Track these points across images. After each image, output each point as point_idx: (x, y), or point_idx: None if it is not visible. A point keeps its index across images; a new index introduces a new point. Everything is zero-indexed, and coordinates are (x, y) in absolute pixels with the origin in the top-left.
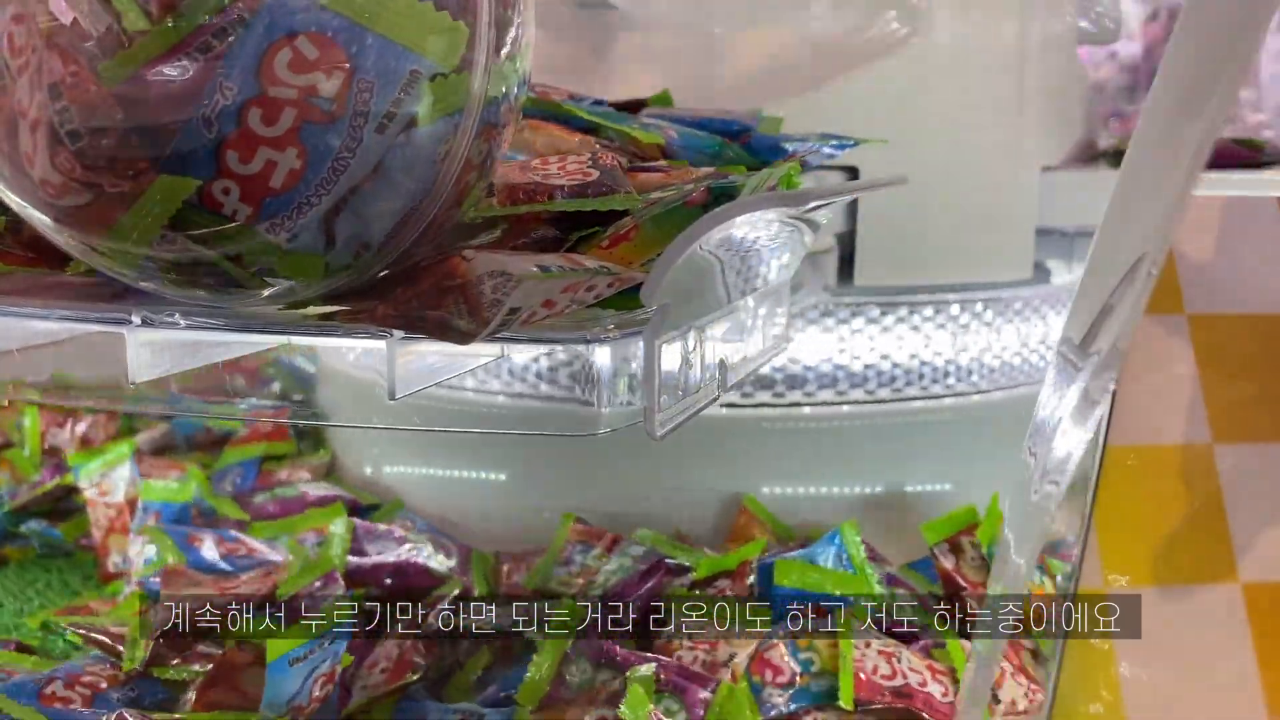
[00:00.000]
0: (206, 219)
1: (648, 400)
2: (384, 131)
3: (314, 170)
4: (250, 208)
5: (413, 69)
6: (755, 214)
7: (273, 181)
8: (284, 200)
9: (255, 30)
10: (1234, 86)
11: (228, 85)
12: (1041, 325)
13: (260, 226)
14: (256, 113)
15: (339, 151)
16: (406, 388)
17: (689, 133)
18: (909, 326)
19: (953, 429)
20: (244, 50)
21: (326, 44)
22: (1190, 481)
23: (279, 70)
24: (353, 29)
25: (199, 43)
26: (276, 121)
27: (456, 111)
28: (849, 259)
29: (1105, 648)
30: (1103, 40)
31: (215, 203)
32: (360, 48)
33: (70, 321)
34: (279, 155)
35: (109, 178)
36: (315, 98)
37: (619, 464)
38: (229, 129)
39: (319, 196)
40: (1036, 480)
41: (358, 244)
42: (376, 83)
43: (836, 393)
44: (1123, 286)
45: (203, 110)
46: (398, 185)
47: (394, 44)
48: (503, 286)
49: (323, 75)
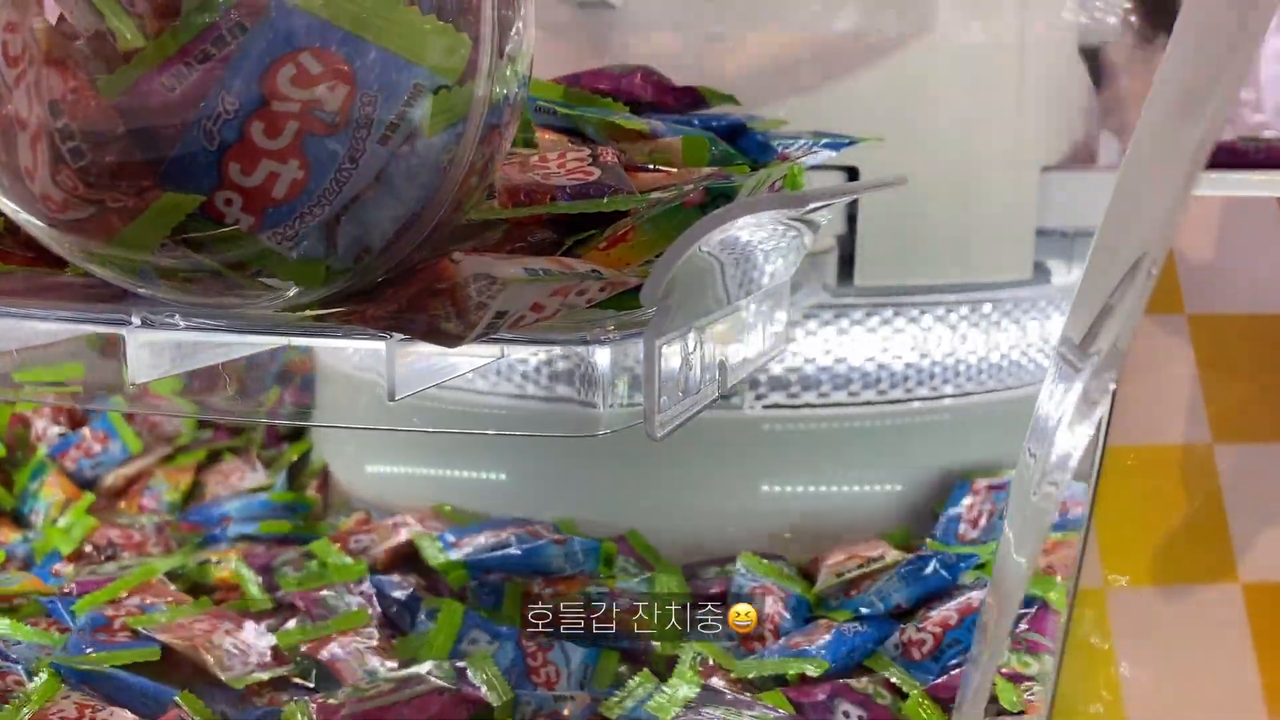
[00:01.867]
0: (209, 228)
1: (648, 401)
2: (387, 143)
3: (316, 181)
4: (252, 217)
5: (416, 82)
6: (755, 215)
7: (275, 192)
8: (286, 210)
9: (258, 43)
10: (1234, 86)
11: (229, 98)
12: (1041, 325)
13: (262, 235)
14: (259, 125)
15: (342, 162)
16: (406, 389)
17: (676, 126)
18: (918, 327)
19: (952, 429)
20: (246, 63)
21: (330, 58)
22: (1190, 481)
23: (282, 85)
24: (356, 43)
25: (198, 51)
26: (279, 134)
27: (460, 120)
28: (849, 259)
29: (1105, 648)
30: (1103, 40)
31: (218, 213)
32: (364, 61)
33: (70, 321)
34: (281, 167)
35: (111, 194)
36: (318, 111)
37: (620, 464)
38: (231, 140)
39: (321, 206)
40: (1036, 480)
41: (359, 249)
42: (380, 96)
43: (833, 393)
44: (1123, 286)
45: (204, 122)
46: (400, 193)
47: (397, 57)
48: (487, 290)
49: (326, 89)
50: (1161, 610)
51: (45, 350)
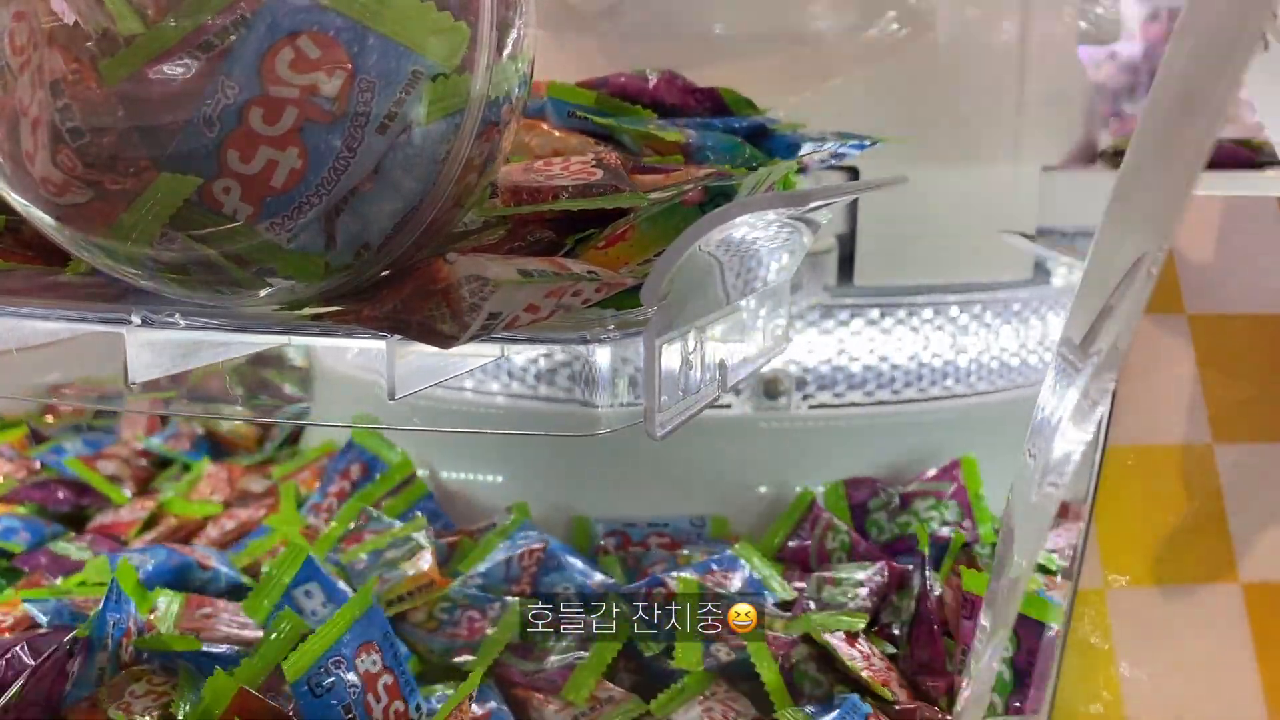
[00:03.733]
0: (207, 218)
1: (648, 400)
2: (385, 131)
3: (315, 170)
4: (251, 207)
5: (414, 69)
6: (755, 214)
7: (274, 181)
8: (285, 200)
9: (257, 29)
10: (1234, 86)
11: (229, 84)
12: (1041, 325)
13: (260, 226)
14: (258, 112)
15: (340, 151)
16: (406, 388)
17: (707, 133)
18: (908, 327)
19: (951, 430)
20: (246, 49)
21: (328, 43)
22: (1190, 481)
23: (280, 69)
24: (355, 28)
25: (200, 41)
26: (278, 120)
27: (457, 112)
28: (849, 259)
29: (1105, 648)
30: (1103, 40)
31: (216, 202)
32: (362, 47)
33: (70, 321)
34: (280, 155)
35: (110, 175)
36: (317, 97)
37: (619, 464)
38: (230, 128)
39: (320, 196)
40: (1036, 481)
41: (358, 244)
42: (378, 82)
43: (834, 394)
44: (1123, 286)
45: (204, 109)
46: (398, 185)
47: (396, 44)
48: (480, 291)
49: (324, 75)
50: (1161, 610)
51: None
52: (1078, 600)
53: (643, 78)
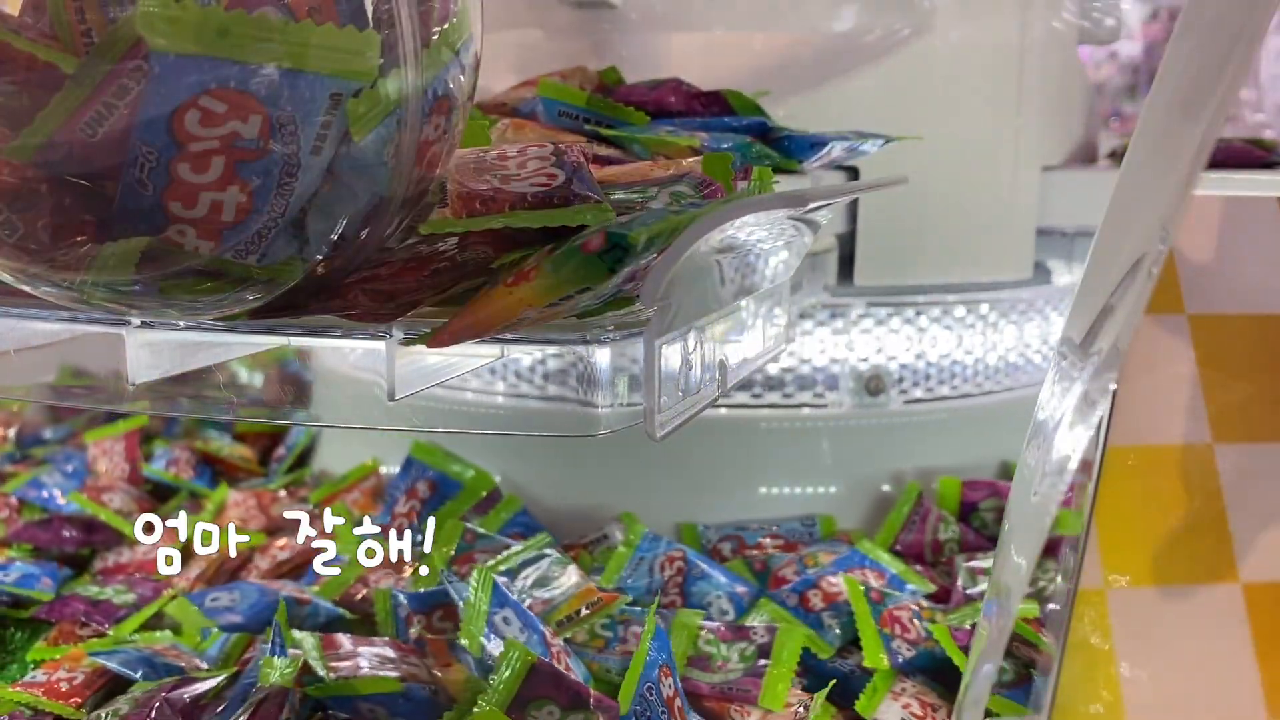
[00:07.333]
0: (174, 256)
1: (648, 401)
2: (320, 153)
3: (262, 199)
4: (211, 242)
5: (332, 93)
6: (755, 215)
7: (224, 217)
8: (241, 229)
9: (153, 97)
10: (1234, 86)
11: (148, 150)
12: (1042, 325)
13: (225, 254)
14: (184, 166)
15: (281, 178)
16: (406, 389)
17: (718, 135)
18: (916, 327)
19: (951, 430)
20: (149, 114)
21: (230, 94)
22: (1190, 481)
23: (192, 128)
24: (252, 70)
25: (101, 101)
26: (208, 169)
27: (392, 112)
28: (849, 259)
29: (1105, 648)
30: (1103, 40)
31: (175, 243)
32: (269, 89)
33: (70, 321)
34: (222, 195)
35: (59, 251)
36: (240, 141)
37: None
38: (163, 184)
39: (275, 220)
40: (1036, 480)
41: (329, 241)
42: (297, 115)
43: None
44: (1123, 286)
45: (132, 174)
46: (354, 187)
47: (304, 74)
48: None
49: (240, 122)
50: (1161, 610)
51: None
52: (1078, 600)
53: (649, 88)
